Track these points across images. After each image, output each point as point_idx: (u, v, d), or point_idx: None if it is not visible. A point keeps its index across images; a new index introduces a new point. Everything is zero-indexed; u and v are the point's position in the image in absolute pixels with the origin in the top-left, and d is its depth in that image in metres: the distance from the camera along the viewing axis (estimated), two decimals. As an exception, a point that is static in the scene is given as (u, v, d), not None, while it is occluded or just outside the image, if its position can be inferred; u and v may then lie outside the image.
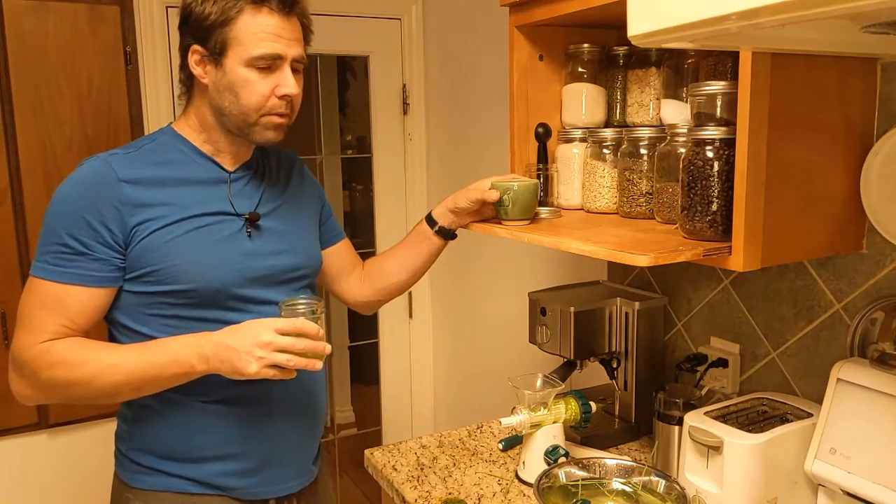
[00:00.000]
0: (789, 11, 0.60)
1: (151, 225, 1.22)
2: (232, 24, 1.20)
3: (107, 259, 1.21)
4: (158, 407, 1.29)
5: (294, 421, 1.38)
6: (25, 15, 2.05)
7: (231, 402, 1.30)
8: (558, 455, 1.45)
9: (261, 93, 1.23)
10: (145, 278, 1.23)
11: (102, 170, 1.22)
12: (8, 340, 2.12)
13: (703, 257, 1.14)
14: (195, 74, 1.26)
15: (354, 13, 2.58)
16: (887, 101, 1.26)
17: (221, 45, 1.22)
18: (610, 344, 1.68)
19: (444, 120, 2.71)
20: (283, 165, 1.45)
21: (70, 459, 2.25)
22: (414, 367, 2.89)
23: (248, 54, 1.21)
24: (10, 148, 2.08)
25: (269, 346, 1.13)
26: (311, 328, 1.17)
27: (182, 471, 1.30)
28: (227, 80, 1.23)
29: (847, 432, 1.22)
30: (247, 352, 1.14)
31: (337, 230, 1.57)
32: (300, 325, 1.16)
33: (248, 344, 1.14)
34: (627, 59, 1.54)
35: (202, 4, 1.22)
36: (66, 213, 1.21)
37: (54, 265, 1.20)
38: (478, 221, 1.50)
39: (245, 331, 1.16)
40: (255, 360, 1.13)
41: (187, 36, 1.25)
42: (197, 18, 1.22)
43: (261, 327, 1.15)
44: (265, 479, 1.35)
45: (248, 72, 1.22)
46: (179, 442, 1.30)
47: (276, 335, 1.14)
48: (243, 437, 1.32)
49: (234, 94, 1.23)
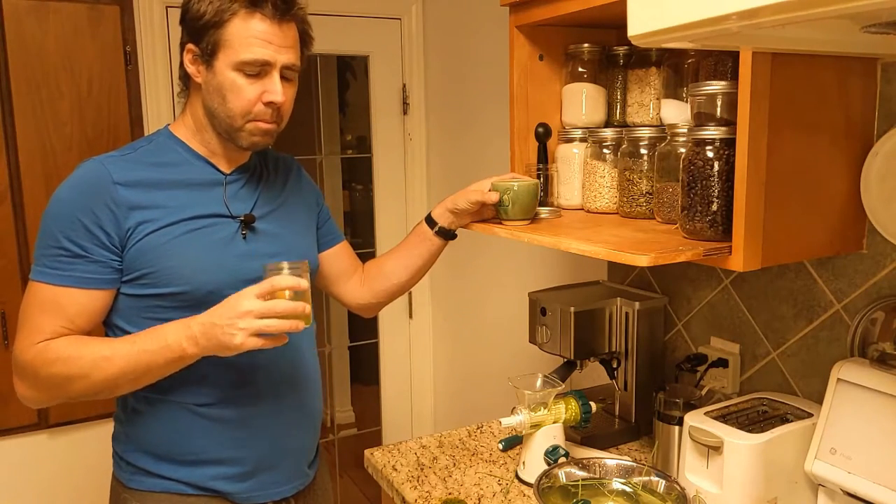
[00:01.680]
0: (789, 11, 0.60)
1: (146, 227, 1.22)
2: (224, 27, 1.20)
3: (104, 261, 1.21)
4: (151, 410, 1.30)
5: (288, 425, 1.37)
6: (25, 15, 2.05)
7: (224, 405, 1.30)
8: (558, 455, 1.45)
9: (247, 98, 1.23)
10: (140, 281, 1.23)
11: (97, 172, 1.22)
12: (7, 340, 2.12)
13: (704, 257, 1.14)
14: (189, 73, 1.26)
15: (354, 13, 2.59)
16: (887, 101, 1.26)
17: (213, 46, 1.21)
18: (610, 344, 1.68)
19: (444, 120, 2.71)
20: (280, 170, 1.45)
21: (70, 459, 2.25)
22: (414, 367, 2.89)
23: (237, 58, 1.20)
24: (10, 148, 2.08)
25: (250, 314, 1.12)
26: (286, 282, 1.14)
27: (177, 473, 1.30)
28: (216, 82, 1.23)
29: (847, 432, 1.22)
30: (229, 325, 1.12)
31: (335, 232, 1.57)
32: (275, 282, 1.13)
33: (229, 317, 1.12)
34: (627, 58, 1.54)
35: (198, 3, 1.22)
36: (62, 216, 1.21)
37: (52, 268, 1.20)
38: (478, 221, 1.50)
39: (226, 304, 1.15)
40: (238, 332, 1.12)
41: (184, 33, 1.26)
42: (193, 17, 1.22)
43: (240, 297, 1.13)
44: (260, 483, 1.35)
45: (236, 76, 1.21)
46: (173, 445, 1.30)
47: (255, 301, 1.12)
48: (237, 442, 1.32)
49: (221, 97, 1.23)
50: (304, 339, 1.41)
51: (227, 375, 1.29)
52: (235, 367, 1.29)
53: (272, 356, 1.30)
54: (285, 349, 1.33)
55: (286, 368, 1.36)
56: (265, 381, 1.33)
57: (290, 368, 1.37)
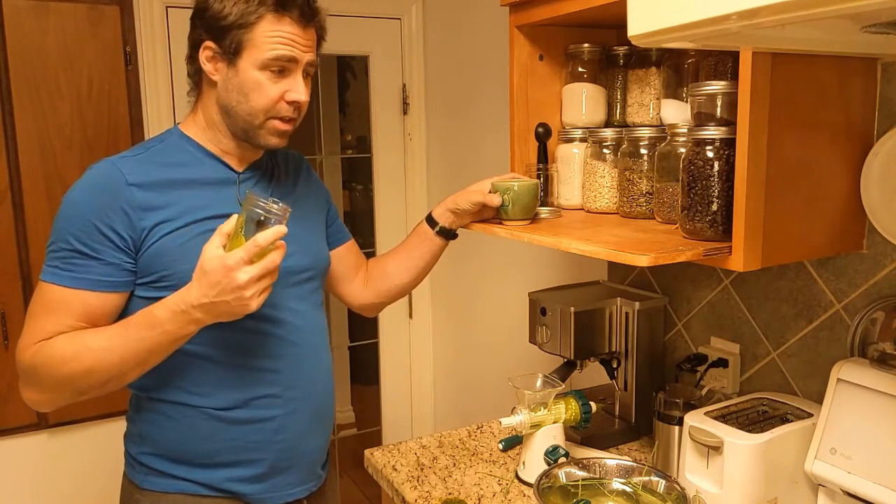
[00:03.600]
0: (789, 11, 0.60)
1: (162, 228, 1.21)
2: (251, 28, 1.19)
3: (117, 263, 1.20)
4: (167, 413, 1.28)
5: (305, 426, 1.37)
6: (25, 15, 2.05)
7: (243, 409, 1.29)
8: (558, 455, 1.45)
9: (270, 96, 1.23)
10: (156, 283, 1.22)
11: (111, 173, 1.21)
12: (7, 340, 2.12)
13: (704, 257, 1.14)
14: (205, 70, 1.25)
15: (354, 13, 2.59)
16: (887, 101, 1.26)
17: (237, 45, 1.20)
18: (610, 344, 1.68)
19: (444, 120, 2.71)
20: (290, 166, 1.44)
21: (70, 459, 2.25)
22: (414, 367, 2.89)
23: (262, 56, 1.20)
24: (10, 148, 2.08)
25: (251, 281, 1.10)
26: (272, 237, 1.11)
27: (192, 475, 1.30)
28: (238, 81, 1.22)
29: (847, 432, 1.22)
30: (236, 298, 1.11)
31: (343, 231, 1.57)
32: (260, 240, 1.10)
33: (232, 290, 1.10)
34: (627, 58, 1.54)
35: (219, 3, 1.20)
36: (74, 218, 1.19)
37: (65, 270, 1.18)
38: (478, 221, 1.50)
39: (216, 280, 1.10)
40: (250, 302, 1.11)
41: (200, 30, 1.23)
42: (214, 15, 1.21)
43: (231, 269, 1.09)
44: (276, 484, 1.34)
45: (260, 74, 1.21)
46: (190, 448, 1.29)
47: (250, 268, 1.10)
48: (255, 445, 1.31)
49: (243, 95, 1.23)
50: (320, 339, 1.40)
51: (245, 380, 1.28)
52: (254, 372, 1.28)
53: (291, 360, 1.31)
54: (303, 351, 1.34)
55: (305, 370, 1.36)
56: (285, 382, 1.32)
57: (309, 369, 1.36)
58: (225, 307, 1.12)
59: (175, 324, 1.15)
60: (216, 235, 1.13)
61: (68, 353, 1.17)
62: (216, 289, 1.11)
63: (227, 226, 1.13)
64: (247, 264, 1.10)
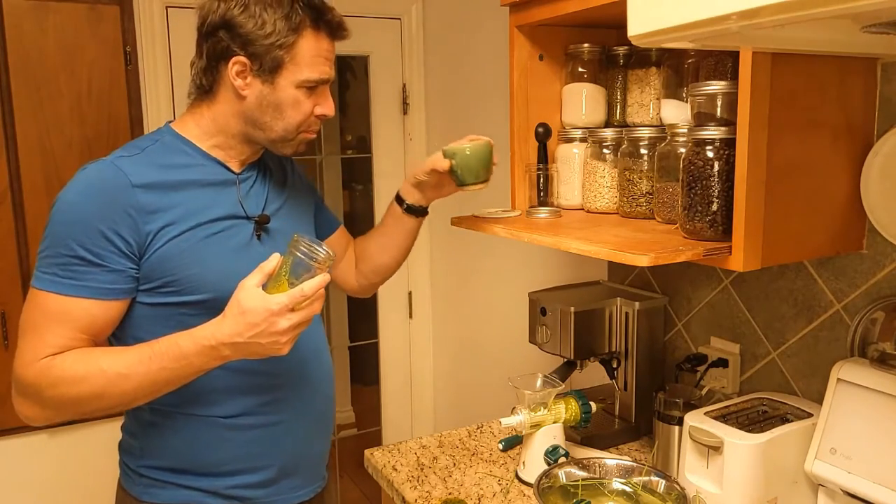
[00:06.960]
0: (789, 11, 0.60)
1: (167, 233, 1.17)
2: (292, 47, 1.19)
3: (122, 270, 1.15)
4: (171, 424, 1.25)
5: (310, 429, 1.36)
6: (25, 15, 2.05)
7: (249, 416, 1.28)
8: (558, 455, 1.45)
9: (305, 112, 1.24)
10: (162, 289, 1.18)
11: (113, 175, 1.16)
12: (7, 341, 2.12)
13: (704, 257, 1.14)
14: (234, 85, 1.20)
15: (354, 13, 2.58)
16: (887, 101, 1.26)
17: (276, 63, 1.19)
18: (610, 344, 1.68)
19: (444, 120, 2.70)
20: (277, 162, 1.43)
21: (70, 459, 2.25)
22: (414, 367, 2.89)
23: (303, 77, 1.21)
24: (10, 148, 2.08)
25: (290, 328, 1.09)
26: (317, 286, 1.09)
27: (197, 483, 1.27)
28: (275, 98, 1.21)
29: (847, 432, 1.22)
30: (272, 343, 1.09)
31: (332, 218, 1.57)
32: (307, 290, 1.09)
33: (270, 338, 1.09)
34: (627, 58, 1.54)
35: (257, 18, 1.17)
36: (75, 223, 1.13)
37: (65, 277, 1.12)
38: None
39: (255, 322, 1.08)
40: (284, 347, 1.11)
41: (228, 43, 1.18)
42: (250, 33, 1.17)
43: (270, 316, 1.07)
44: (282, 487, 1.33)
45: (298, 92, 1.22)
46: (195, 457, 1.27)
47: (291, 316, 1.08)
48: (261, 451, 1.30)
49: (278, 112, 1.22)
50: (320, 341, 1.40)
51: (252, 387, 1.27)
52: (261, 377, 1.27)
53: (297, 363, 1.30)
54: (307, 354, 1.33)
55: (309, 374, 1.35)
56: (289, 388, 1.32)
57: (312, 373, 1.36)
58: (257, 348, 1.10)
59: (201, 358, 1.12)
60: (256, 273, 1.10)
61: (79, 374, 1.11)
62: (254, 330, 1.08)
63: (269, 265, 1.11)
64: (289, 311, 1.09)
